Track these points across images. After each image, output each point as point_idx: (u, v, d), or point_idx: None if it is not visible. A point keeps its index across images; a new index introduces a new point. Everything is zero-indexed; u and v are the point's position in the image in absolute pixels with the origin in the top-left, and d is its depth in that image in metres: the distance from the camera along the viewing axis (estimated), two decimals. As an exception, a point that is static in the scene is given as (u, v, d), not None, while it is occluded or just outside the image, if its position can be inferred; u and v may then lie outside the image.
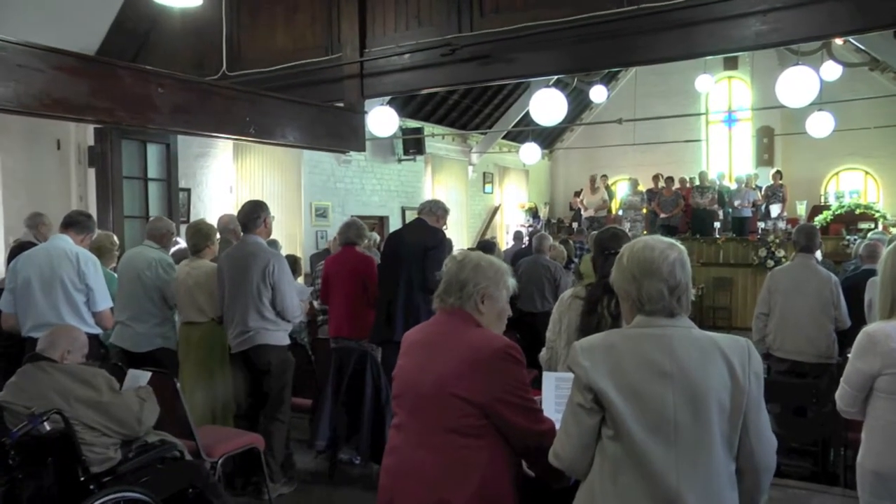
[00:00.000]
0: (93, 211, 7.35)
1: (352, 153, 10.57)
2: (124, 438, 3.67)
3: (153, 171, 8.41)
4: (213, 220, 6.15)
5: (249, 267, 4.85)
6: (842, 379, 2.94)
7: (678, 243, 2.12)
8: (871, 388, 2.83)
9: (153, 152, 8.39)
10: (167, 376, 4.30)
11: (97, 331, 5.06)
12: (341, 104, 6.92)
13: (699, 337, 2.02)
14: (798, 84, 5.89)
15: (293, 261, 6.95)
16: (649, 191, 14.76)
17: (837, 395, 2.98)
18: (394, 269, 5.57)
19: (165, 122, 5.43)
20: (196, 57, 7.44)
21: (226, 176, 9.94)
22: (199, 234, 5.33)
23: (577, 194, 16.22)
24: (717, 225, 13.71)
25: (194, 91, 5.63)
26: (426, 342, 2.53)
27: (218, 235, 5.62)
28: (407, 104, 13.14)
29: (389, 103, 8.20)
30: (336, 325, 6.08)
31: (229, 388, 5.14)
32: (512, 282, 2.60)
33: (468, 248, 5.55)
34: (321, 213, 11.84)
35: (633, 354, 2.00)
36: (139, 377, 4.03)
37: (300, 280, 7.71)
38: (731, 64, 16.70)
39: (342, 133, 6.83)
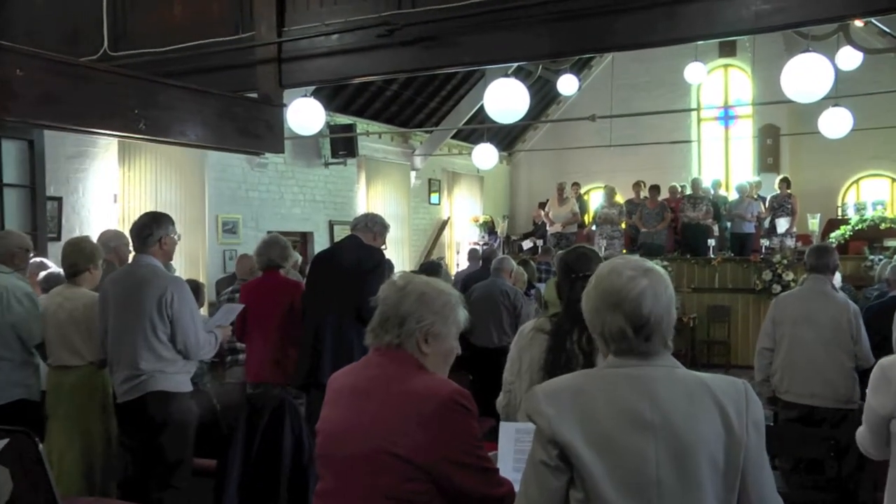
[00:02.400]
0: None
1: (268, 155, 10.50)
2: (-42, 524, 3.54)
3: (10, 174, 8.28)
4: (93, 237, 6.04)
5: (142, 295, 4.78)
6: (863, 416, 3.04)
7: (657, 267, 2.12)
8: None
9: (10, 151, 8.27)
10: (27, 435, 4.18)
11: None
12: (254, 95, 6.88)
13: (686, 378, 2.04)
14: (808, 74, 5.99)
15: (195, 287, 6.90)
16: (629, 202, 14.90)
17: (858, 432, 3.08)
18: (322, 297, 5.57)
19: (27, 112, 5.31)
20: (69, 31, 7.32)
21: (109, 182, 9.81)
22: (80, 253, 5.25)
23: (542, 206, 16.35)
24: (711, 243, 13.75)
25: (66, 74, 5.53)
26: (357, 388, 2.53)
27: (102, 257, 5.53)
28: (336, 96, 13.16)
29: (314, 94, 8.19)
30: (256, 367, 6.04)
31: (113, 447, 5.05)
32: (463, 314, 2.61)
33: (411, 271, 5.56)
34: (230, 229, 11.74)
35: (606, 400, 2.01)
36: None
37: (203, 311, 7.63)
38: (727, 50, 17.02)
39: (255, 130, 6.78)
